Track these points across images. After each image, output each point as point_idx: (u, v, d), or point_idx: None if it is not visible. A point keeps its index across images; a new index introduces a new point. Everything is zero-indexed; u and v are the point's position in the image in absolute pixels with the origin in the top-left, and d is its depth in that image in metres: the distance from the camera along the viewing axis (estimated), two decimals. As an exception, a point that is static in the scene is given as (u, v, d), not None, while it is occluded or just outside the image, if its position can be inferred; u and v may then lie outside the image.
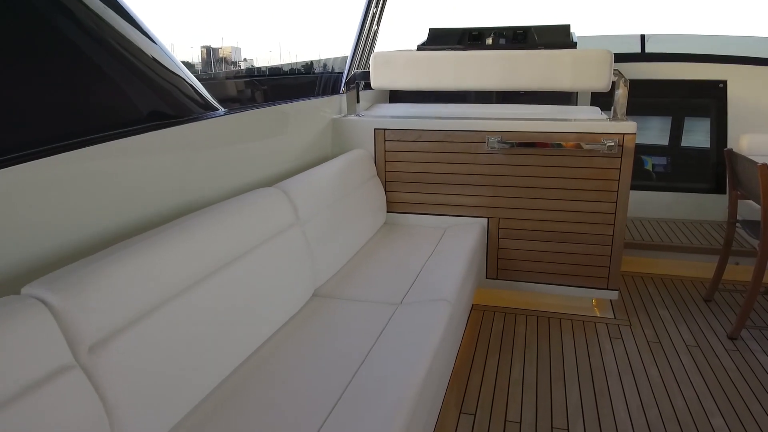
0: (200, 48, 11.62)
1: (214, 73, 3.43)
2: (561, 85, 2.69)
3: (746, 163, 2.61)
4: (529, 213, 2.84)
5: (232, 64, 10.94)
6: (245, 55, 7.83)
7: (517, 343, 2.61)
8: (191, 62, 5.42)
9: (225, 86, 3.03)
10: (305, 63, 4.23)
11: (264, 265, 1.77)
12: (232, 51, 12.00)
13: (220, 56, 10.98)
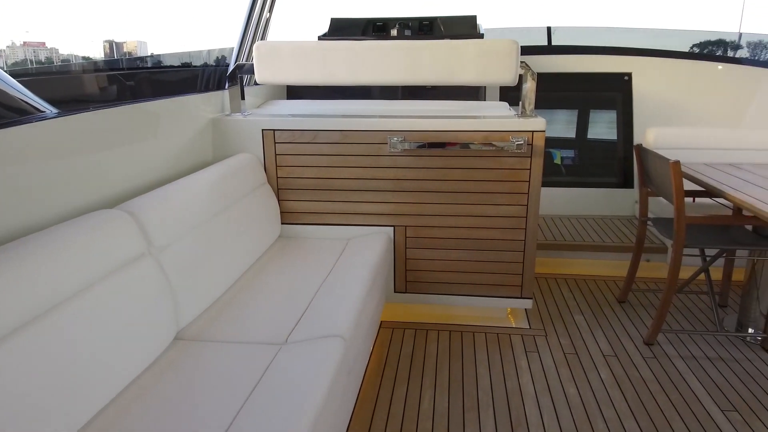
0: (102, 42, 10.67)
1: (59, 67, 2.91)
2: (466, 79, 2.45)
3: (657, 160, 2.49)
4: (436, 219, 2.59)
5: (139, 59, 10.11)
6: (153, 50, 7.15)
7: (428, 366, 2.36)
8: (93, 58, 4.79)
9: (77, 82, 2.54)
10: (212, 54, 3.75)
11: (101, 309, 1.38)
12: (138, 45, 11.12)
13: (125, 51, 10.12)
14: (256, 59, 2.53)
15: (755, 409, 2.05)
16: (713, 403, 2.09)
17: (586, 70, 3.87)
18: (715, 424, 1.97)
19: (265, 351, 1.64)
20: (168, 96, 2.34)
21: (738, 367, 2.34)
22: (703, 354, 2.43)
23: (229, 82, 2.76)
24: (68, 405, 1.23)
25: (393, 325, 2.72)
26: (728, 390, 2.17)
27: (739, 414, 2.03)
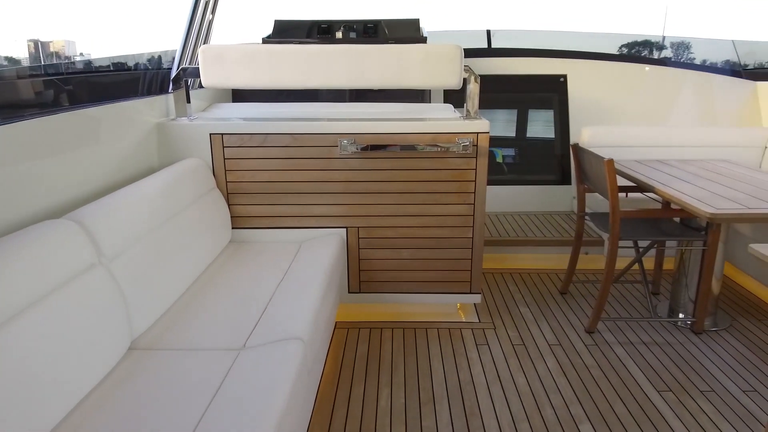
0: (27, 42, 9.96)
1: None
2: (412, 83, 2.52)
3: (593, 159, 2.64)
4: (387, 220, 2.64)
5: (66, 59, 9.57)
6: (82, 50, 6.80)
7: (384, 364, 2.41)
8: (16, 58, 4.52)
9: (9, 88, 2.43)
10: (151, 56, 3.63)
11: (52, 323, 1.35)
12: (65, 45, 10.56)
13: (51, 50, 9.61)
14: (201, 63, 2.50)
15: (687, 388, 2.22)
16: (650, 384, 2.25)
17: (524, 72, 4.02)
18: (652, 404, 2.12)
19: (223, 357, 1.64)
20: (109, 101, 2.28)
21: (671, 350, 2.51)
22: (639, 339, 2.60)
23: (174, 85, 2.71)
24: (22, 422, 1.20)
25: (348, 325, 2.75)
26: (663, 372, 2.34)
27: (673, 393, 2.19)
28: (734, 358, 2.43)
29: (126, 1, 2.94)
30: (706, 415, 2.05)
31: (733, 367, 2.36)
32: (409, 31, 3.87)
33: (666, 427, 1.99)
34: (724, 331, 2.68)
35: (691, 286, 2.72)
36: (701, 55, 6.59)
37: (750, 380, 2.27)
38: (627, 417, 2.04)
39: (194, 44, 3.12)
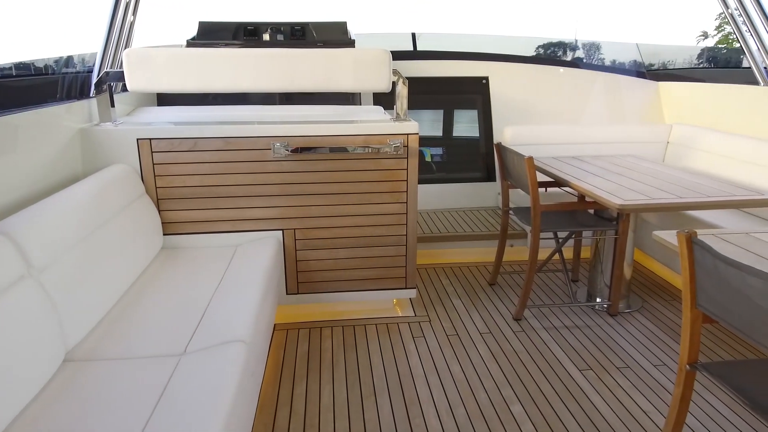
0: None
1: None
2: (343, 86, 2.58)
3: (514, 156, 2.81)
4: (323, 221, 2.69)
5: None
6: None
7: (325, 362, 2.46)
8: None
9: None
10: (61, 59, 3.45)
11: None
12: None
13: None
14: (126, 67, 2.44)
15: (605, 366, 2.42)
16: (572, 364, 2.43)
17: (449, 74, 4.18)
18: (574, 382, 2.30)
19: (163, 364, 1.63)
20: (25, 107, 2.19)
21: (590, 331, 2.72)
22: (562, 323, 2.80)
23: (96, 89, 2.63)
24: None
25: (287, 326, 2.77)
26: (583, 352, 2.53)
27: (593, 371, 2.38)
28: (646, 337, 2.67)
29: (34, 3, 2.79)
30: (622, 389, 2.25)
31: (645, 345, 2.60)
32: (336, 33, 3.93)
33: (587, 402, 2.16)
34: (636, 312, 2.93)
35: (606, 272, 2.95)
36: (609, 57, 7.07)
37: (660, 356, 2.50)
38: (553, 395, 2.21)
39: (115, 47, 3.03)
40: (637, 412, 2.10)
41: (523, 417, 2.08)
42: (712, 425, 2.02)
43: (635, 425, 2.03)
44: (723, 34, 32.55)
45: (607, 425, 2.03)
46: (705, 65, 8.09)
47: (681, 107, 4.16)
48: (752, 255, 1.65)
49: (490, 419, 2.07)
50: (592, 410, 2.12)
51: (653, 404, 2.15)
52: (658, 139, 3.99)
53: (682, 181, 2.71)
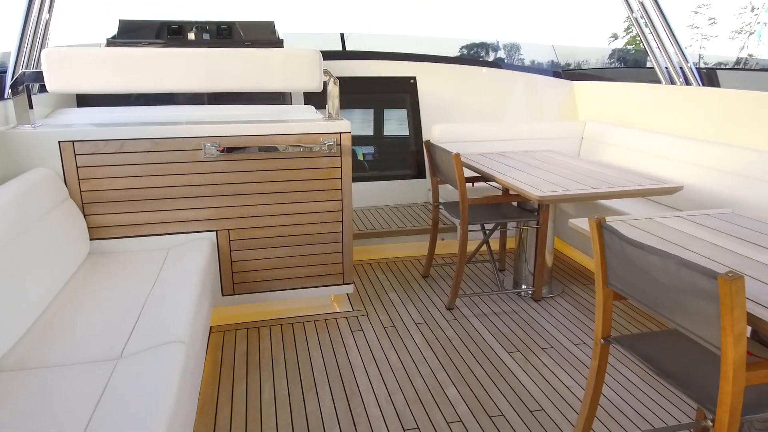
0: None
1: None
2: (273, 86, 2.60)
3: (443, 153, 2.94)
4: (258, 220, 2.70)
5: None
6: None
7: (264, 360, 2.48)
8: None
9: None
10: None
11: None
12: None
13: None
14: (46, 67, 2.35)
15: (531, 347, 2.59)
16: (501, 347, 2.58)
17: (377, 74, 4.28)
18: (504, 364, 2.44)
19: (99, 369, 1.61)
20: None
21: (516, 317, 2.89)
22: (491, 310, 2.96)
23: (12, 90, 2.51)
24: None
25: (224, 328, 2.76)
26: (511, 336, 2.69)
27: (520, 353, 2.54)
28: (566, 318, 2.87)
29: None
30: (547, 367, 2.42)
31: (566, 326, 2.80)
32: (264, 33, 3.92)
33: (516, 382, 2.31)
34: (558, 296, 3.14)
35: (530, 260, 3.14)
36: (528, 58, 7.43)
37: (579, 335, 2.71)
38: (484, 377, 2.34)
39: (30, 46, 2.89)
40: (560, 388, 2.27)
41: (457, 399, 2.19)
42: (625, 394, 2.22)
43: (559, 399, 2.20)
44: (631, 36, 34.79)
45: (534, 401, 2.19)
46: (615, 65, 8.66)
47: (593, 105, 4.47)
48: (655, 237, 1.84)
49: (427, 403, 2.17)
50: (520, 388, 2.27)
51: (574, 379, 2.33)
52: (573, 135, 4.27)
53: (594, 173, 2.94)
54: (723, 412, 1.29)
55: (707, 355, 1.62)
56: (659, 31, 3.91)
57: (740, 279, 1.17)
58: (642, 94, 3.94)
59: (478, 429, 2.02)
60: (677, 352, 1.64)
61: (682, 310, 1.36)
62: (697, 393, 1.45)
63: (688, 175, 3.19)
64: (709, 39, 42.21)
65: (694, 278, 1.27)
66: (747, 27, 40.89)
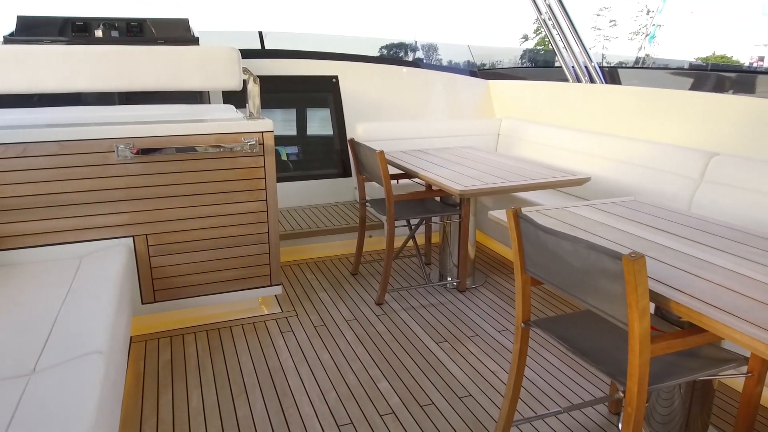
0: None
1: None
2: (191, 85, 2.52)
3: (367, 151, 2.97)
4: (179, 224, 2.61)
5: None
6: None
7: (191, 367, 2.40)
8: None
9: None
10: None
11: None
12: None
13: None
14: None
15: (458, 337, 2.68)
16: (430, 339, 2.65)
17: (299, 73, 4.25)
18: (433, 354, 2.51)
19: (10, 386, 1.50)
20: None
21: (443, 308, 2.98)
22: (419, 303, 3.03)
23: None
24: None
25: (145, 338, 2.65)
26: (439, 327, 2.77)
27: (448, 343, 2.62)
28: (490, 307, 2.99)
29: None
30: (473, 355, 2.51)
31: (490, 314, 2.91)
32: (178, 31, 3.79)
33: (445, 371, 2.39)
34: (481, 287, 3.27)
35: (454, 253, 3.24)
36: (446, 58, 7.64)
37: (502, 322, 2.83)
38: (415, 368, 2.40)
39: None
40: (486, 373, 2.37)
41: (389, 392, 2.23)
42: (546, 374, 2.35)
43: (485, 384, 2.29)
44: (540, 37, 36.54)
45: (463, 388, 2.26)
46: (527, 65, 9.09)
47: (508, 103, 4.67)
48: (566, 225, 1.96)
49: (360, 398, 2.19)
50: (449, 377, 2.34)
51: (499, 364, 2.44)
52: (490, 131, 4.44)
53: (510, 167, 3.07)
54: (632, 383, 1.40)
55: (617, 331, 1.75)
56: (566, 32, 4.15)
57: (642, 259, 1.27)
58: (552, 92, 4.17)
59: (410, 419, 2.07)
60: (591, 330, 1.76)
61: (593, 290, 1.46)
62: (609, 367, 1.56)
63: (595, 167, 3.42)
64: (610, 40, 45.14)
65: (601, 260, 1.37)
66: (643, 29, 44.08)
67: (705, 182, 2.76)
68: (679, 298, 1.37)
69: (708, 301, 1.34)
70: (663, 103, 3.24)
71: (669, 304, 1.38)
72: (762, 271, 1.53)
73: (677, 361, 1.59)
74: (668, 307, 1.39)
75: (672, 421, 1.85)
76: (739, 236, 1.82)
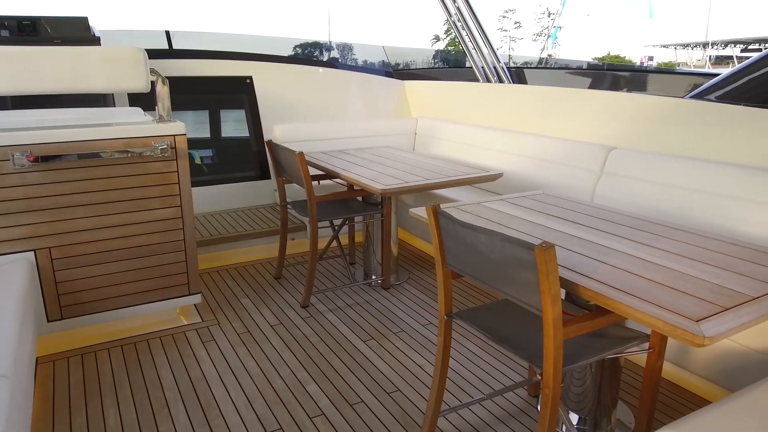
0: None
1: None
2: (94, 87, 2.38)
3: (286, 153, 2.94)
4: (86, 234, 2.46)
5: None
6: None
7: (106, 386, 2.27)
8: None
9: None
10: None
11: None
12: None
13: None
14: None
15: (384, 333, 2.71)
16: (357, 337, 2.67)
17: (211, 73, 4.12)
18: (361, 353, 2.53)
19: None
20: None
21: (369, 306, 3.01)
22: (345, 303, 3.04)
23: None
24: None
25: (54, 357, 2.47)
26: (365, 325, 2.80)
27: (375, 340, 2.65)
28: (414, 303, 3.06)
29: None
30: (400, 350, 2.56)
31: (414, 309, 2.97)
32: (77, 30, 3.56)
33: (373, 368, 2.41)
34: (405, 283, 3.33)
35: (377, 252, 3.28)
36: (361, 58, 7.70)
37: (426, 316, 2.90)
38: (343, 368, 2.41)
39: None
40: (413, 367, 2.42)
41: (318, 394, 2.23)
42: (469, 364, 2.44)
43: (413, 378, 2.34)
44: (451, 38, 37.60)
45: (391, 383, 2.30)
46: (439, 65, 9.33)
47: (423, 103, 4.78)
48: (482, 219, 2.04)
49: (289, 402, 2.17)
50: (377, 373, 2.37)
51: (425, 358, 2.50)
52: (407, 131, 4.53)
53: (428, 165, 3.15)
54: (548, 365, 1.49)
55: (533, 318, 1.85)
56: (474, 34, 4.32)
57: (552, 248, 1.36)
58: (464, 92, 4.32)
59: (341, 419, 2.07)
60: (509, 319, 1.85)
61: (509, 280, 1.54)
62: (527, 352, 1.65)
63: (506, 163, 3.58)
64: (516, 41, 47.31)
65: (515, 251, 1.45)
66: (546, 30, 46.60)
67: (605, 174, 2.98)
68: (587, 283, 1.47)
69: (612, 285, 1.45)
70: (565, 101, 3.45)
71: (578, 289, 1.48)
72: (658, 254, 1.67)
73: (587, 342, 1.70)
74: (577, 292, 1.48)
75: (585, 398, 1.98)
76: (637, 223, 1.98)
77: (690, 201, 2.53)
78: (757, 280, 1.47)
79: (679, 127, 2.78)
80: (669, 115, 2.84)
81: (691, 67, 34.35)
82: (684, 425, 1.25)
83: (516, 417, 2.09)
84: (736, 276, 1.50)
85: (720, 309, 1.30)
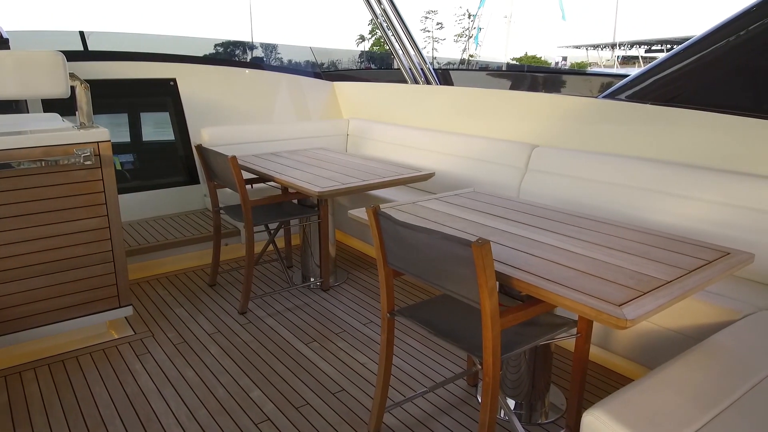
0: None
1: None
2: (8, 93, 2.25)
3: (217, 157, 2.88)
4: (5, 249, 2.31)
5: None
6: None
7: (34, 408, 2.15)
8: None
9: None
10: None
11: None
12: None
13: None
14: None
15: (326, 335, 2.73)
16: (299, 341, 2.67)
17: (131, 76, 3.96)
18: (304, 356, 2.54)
19: None
20: None
21: (309, 309, 3.01)
22: (284, 307, 3.02)
23: None
24: None
25: (-29, 383, 2.31)
26: (306, 328, 2.80)
27: (317, 342, 2.66)
28: (354, 302, 3.09)
29: None
30: (343, 351, 2.59)
31: (354, 309, 3.01)
32: None
33: (317, 370, 2.43)
34: (344, 284, 3.35)
35: (315, 254, 3.28)
36: (287, 58, 7.63)
37: (367, 315, 2.94)
38: (286, 372, 2.40)
39: None
40: (357, 367, 2.46)
41: (263, 400, 2.21)
42: (412, 360, 2.50)
43: (357, 377, 2.37)
44: (376, 38, 37.86)
45: (335, 384, 2.33)
46: (366, 65, 9.41)
47: (353, 104, 4.82)
48: (420, 219, 2.11)
49: (233, 411, 2.14)
50: (322, 375, 2.39)
51: (368, 356, 2.54)
52: (339, 132, 4.56)
53: (362, 166, 3.20)
54: (487, 354, 1.57)
55: (471, 311, 1.93)
56: (401, 35, 4.40)
57: (487, 244, 1.44)
58: (393, 93, 4.40)
59: (287, 423, 2.08)
60: (448, 313, 1.93)
61: (448, 276, 1.61)
62: (467, 344, 1.72)
63: (437, 162, 3.69)
64: (439, 42, 48.38)
65: (453, 248, 1.52)
66: (467, 32, 47.95)
67: (529, 171, 3.14)
68: (518, 275, 1.56)
69: (542, 275, 1.56)
70: (490, 102, 3.60)
71: (511, 281, 1.57)
72: (581, 245, 1.80)
73: (521, 331, 1.80)
74: (510, 284, 1.58)
75: (521, 384, 2.10)
76: (561, 216, 2.12)
77: (608, 194, 2.73)
78: (671, 266, 1.62)
79: (595, 126, 2.99)
80: (585, 114, 3.04)
81: (602, 66, 36.55)
82: (610, 403, 1.36)
83: (458, 407, 2.17)
84: (652, 263, 1.64)
85: (639, 293, 1.43)
